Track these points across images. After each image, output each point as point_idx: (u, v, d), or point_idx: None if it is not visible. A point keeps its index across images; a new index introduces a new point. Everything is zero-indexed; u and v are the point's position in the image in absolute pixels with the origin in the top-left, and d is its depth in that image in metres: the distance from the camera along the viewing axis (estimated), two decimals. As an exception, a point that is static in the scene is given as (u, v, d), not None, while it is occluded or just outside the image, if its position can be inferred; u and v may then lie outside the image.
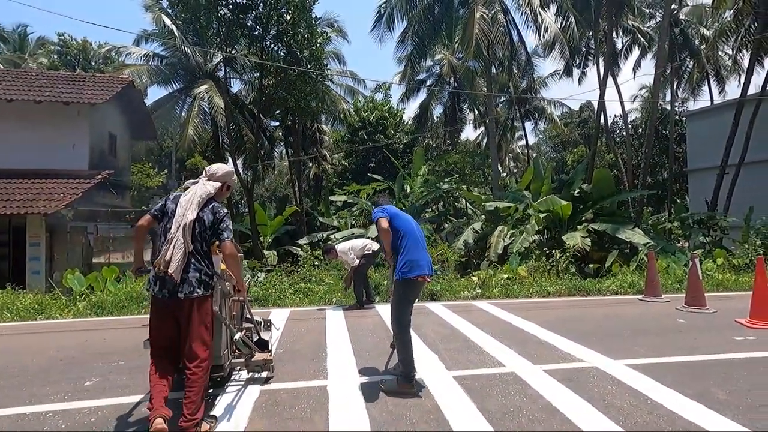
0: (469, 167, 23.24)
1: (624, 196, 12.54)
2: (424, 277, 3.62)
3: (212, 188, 3.13)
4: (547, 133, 50.14)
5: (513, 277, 9.05)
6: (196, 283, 2.90)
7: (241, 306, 4.12)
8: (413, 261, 3.56)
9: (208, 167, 3.34)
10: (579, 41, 25.89)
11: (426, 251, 3.76)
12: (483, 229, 12.93)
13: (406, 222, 3.75)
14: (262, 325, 4.53)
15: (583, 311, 6.82)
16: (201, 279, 2.92)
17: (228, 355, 3.55)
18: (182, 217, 2.92)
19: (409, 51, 16.19)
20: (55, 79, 13.23)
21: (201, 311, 2.93)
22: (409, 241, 3.64)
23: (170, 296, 2.86)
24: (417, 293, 3.74)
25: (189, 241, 2.89)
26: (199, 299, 2.92)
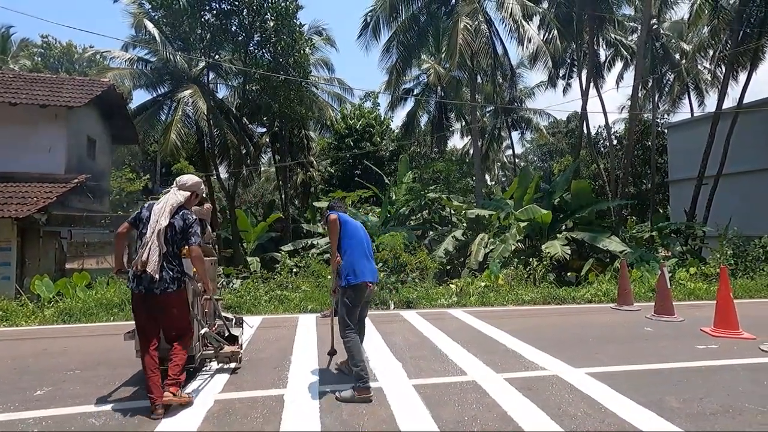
0: (454, 175, 23.31)
1: (601, 206, 12.71)
2: (367, 283, 3.74)
3: (182, 197, 3.60)
4: (534, 142, 50.81)
5: (491, 285, 9.07)
6: (170, 281, 3.40)
7: (214, 304, 4.47)
8: (358, 268, 3.72)
9: (179, 178, 3.80)
10: (564, 53, 26.43)
11: (371, 260, 3.91)
12: (464, 237, 12.98)
13: (355, 229, 3.91)
14: (233, 322, 4.87)
15: (555, 319, 6.85)
16: (174, 276, 3.43)
17: (199, 347, 3.99)
18: (156, 224, 3.40)
19: (394, 60, 16.32)
20: (33, 81, 13.03)
21: (176, 304, 3.46)
22: (355, 250, 3.79)
23: (147, 292, 3.35)
24: (361, 299, 3.81)
25: (162, 244, 3.37)
26: (174, 294, 3.43)
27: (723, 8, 18.14)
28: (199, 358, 4.01)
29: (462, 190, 21.15)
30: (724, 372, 4.15)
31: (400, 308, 7.85)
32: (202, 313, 4.09)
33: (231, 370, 4.26)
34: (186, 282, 3.58)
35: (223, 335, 4.40)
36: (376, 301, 7.95)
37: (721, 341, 5.26)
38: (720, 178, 16.58)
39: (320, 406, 3.40)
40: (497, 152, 43.12)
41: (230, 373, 4.20)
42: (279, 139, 28.11)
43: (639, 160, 31.77)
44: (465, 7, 15.21)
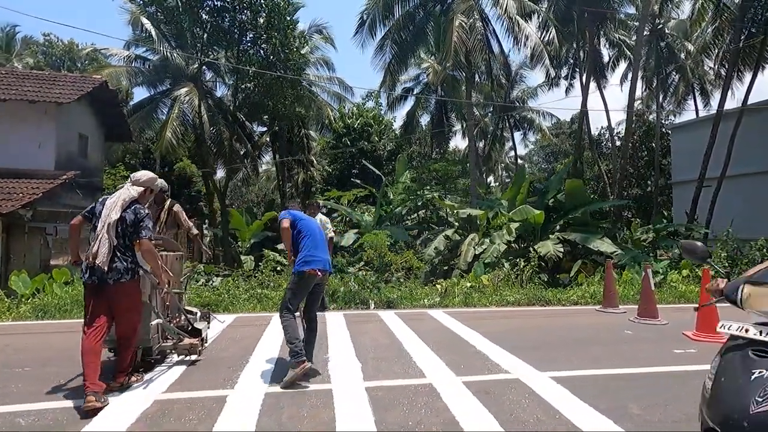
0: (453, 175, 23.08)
1: (595, 206, 12.45)
2: (315, 271, 3.97)
3: (135, 192, 3.72)
4: (538, 143, 50.43)
5: (476, 285, 8.88)
6: (123, 271, 3.52)
7: (180, 298, 4.79)
8: (308, 257, 4.00)
9: (134, 174, 3.99)
10: (566, 53, 26.14)
11: (324, 251, 4.17)
12: (456, 236, 12.78)
13: (308, 225, 4.22)
14: (199, 316, 5.02)
15: (536, 321, 6.65)
16: (127, 267, 3.54)
17: (158, 339, 4.14)
18: (107, 217, 3.52)
19: (388, 59, 16.15)
20: (25, 78, 13.04)
21: (128, 295, 3.56)
22: (308, 241, 4.09)
23: (99, 282, 3.46)
24: (308, 286, 4.04)
25: (113, 237, 3.50)
26: (127, 284, 3.53)
27: (726, 7, 17.81)
28: (157, 350, 4.18)
29: (462, 190, 20.92)
30: (698, 378, 3.92)
31: (381, 308, 7.69)
32: (162, 305, 4.27)
33: (189, 362, 4.36)
34: (140, 274, 3.69)
35: (186, 329, 4.54)
36: (356, 300, 7.80)
37: (701, 345, 5.04)
38: (723, 179, 16.25)
39: (262, 408, 3.25)
40: (500, 153, 42.87)
41: (188, 365, 4.31)
42: (279, 139, 28.15)
43: (643, 161, 31.37)
44: (461, 4, 15.02)
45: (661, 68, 26.96)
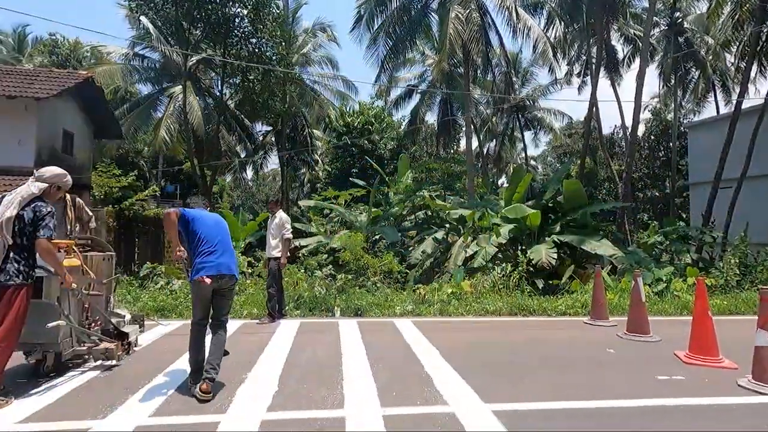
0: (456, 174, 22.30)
1: (595, 208, 11.55)
2: (204, 279, 3.58)
3: (36, 189, 3.55)
4: (550, 144, 49.14)
5: (457, 292, 8.16)
6: (14, 273, 3.33)
7: (107, 300, 4.69)
8: (200, 264, 3.62)
9: (38, 169, 3.77)
10: (578, 50, 25.09)
11: (226, 255, 3.75)
12: (447, 238, 12.05)
13: (207, 227, 3.78)
14: (128, 320, 4.92)
15: (511, 335, 5.92)
16: (20, 270, 3.35)
17: (70, 342, 3.98)
18: (2, 215, 3.36)
19: (382, 53, 15.51)
20: (7, 74, 12.84)
21: (13, 298, 3.33)
22: (204, 246, 3.68)
23: None
24: (203, 295, 3.69)
25: (8, 236, 3.33)
26: (15, 287, 3.33)
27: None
28: (69, 354, 4.04)
29: (461, 190, 20.13)
30: (679, 415, 3.19)
31: (347, 316, 7.05)
32: (79, 308, 4.15)
33: (104, 368, 4.20)
34: (32, 277, 3.48)
35: (112, 332, 4.45)
36: (322, 307, 7.18)
37: (691, 371, 4.25)
38: (744, 181, 15.13)
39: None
40: (511, 153, 41.81)
41: (103, 370, 4.15)
42: (281, 138, 27.79)
43: (660, 162, 30.01)
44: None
45: (679, 64, 25.68)
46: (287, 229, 6.72)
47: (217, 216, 4.00)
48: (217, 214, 4.17)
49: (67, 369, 4.12)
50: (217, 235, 3.77)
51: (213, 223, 3.84)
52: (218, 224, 3.87)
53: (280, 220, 6.73)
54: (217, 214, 4.06)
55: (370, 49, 15.34)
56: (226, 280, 3.72)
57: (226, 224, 3.96)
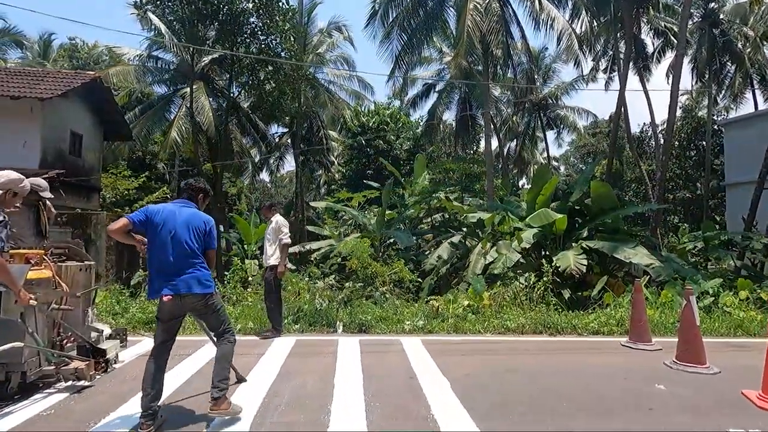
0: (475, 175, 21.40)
1: (628, 211, 10.56)
2: (164, 298, 3.09)
3: None
4: (573, 143, 47.50)
5: (474, 305, 7.36)
6: None
7: (84, 313, 4.33)
8: (153, 277, 3.17)
9: None
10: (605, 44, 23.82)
11: (177, 265, 3.14)
12: (464, 243, 11.24)
13: (162, 225, 3.17)
14: (106, 335, 4.58)
15: (535, 360, 5.10)
16: None
17: (37, 362, 3.71)
18: None
19: (397, 48, 14.79)
20: (15, 75, 12.69)
21: None
22: (156, 253, 3.15)
23: None
24: (163, 315, 3.21)
25: None
26: None
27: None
28: (35, 375, 3.71)
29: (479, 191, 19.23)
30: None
31: (350, 332, 6.35)
32: (48, 324, 3.86)
33: (75, 391, 3.82)
34: None
35: (87, 349, 4.17)
36: (323, 321, 6.50)
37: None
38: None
39: None
40: (533, 153, 40.50)
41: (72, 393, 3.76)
42: (296, 139, 27.37)
43: (692, 161, 28.36)
44: (476, -15, 13.47)
45: (714, 58, 24.13)
46: (284, 233, 6.11)
47: (184, 214, 3.26)
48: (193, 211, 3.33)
49: (35, 389, 3.80)
50: (176, 235, 3.14)
51: (173, 217, 3.19)
52: (179, 220, 3.19)
53: (276, 225, 6.18)
54: (191, 211, 3.30)
55: (384, 45, 14.67)
56: (188, 299, 3.16)
57: (198, 224, 3.26)
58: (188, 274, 3.14)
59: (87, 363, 3.97)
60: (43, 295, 3.82)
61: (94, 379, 4.03)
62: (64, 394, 3.73)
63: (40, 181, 4.51)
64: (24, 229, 4.64)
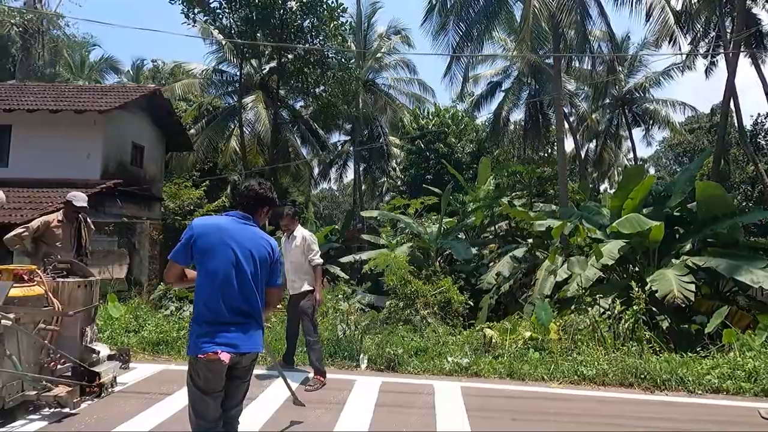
0: (546, 179, 19.14)
1: (750, 218, 8.18)
2: (213, 355, 2.15)
3: None
4: (665, 142, 42.25)
5: (538, 338, 5.80)
6: None
7: (81, 333, 4.03)
8: (203, 326, 2.24)
9: None
10: (706, 24, 20.39)
11: (237, 306, 2.25)
12: (530, 257, 9.54)
13: (214, 247, 2.28)
14: (104, 356, 4.25)
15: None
16: None
17: (17, 387, 3.46)
18: None
19: (453, 41, 13.41)
20: (82, 91, 13.39)
21: None
22: (207, 290, 2.27)
23: None
24: (212, 383, 2.22)
25: None
26: None
27: None
28: (14, 401, 3.41)
29: (552, 197, 17.08)
30: None
31: (376, 369, 5.15)
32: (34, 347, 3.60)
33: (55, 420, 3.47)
34: None
35: (80, 372, 3.88)
36: (344, 353, 5.37)
37: None
38: None
39: None
40: (616, 155, 36.39)
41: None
42: (354, 146, 26.96)
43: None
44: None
45: None
46: (315, 252, 4.76)
47: (246, 234, 2.35)
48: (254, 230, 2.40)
49: (15, 417, 3.48)
50: (235, 265, 2.26)
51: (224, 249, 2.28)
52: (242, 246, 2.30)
53: (304, 241, 4.73)
54: (253, 231, 2.40)
55: (439, 39, 13.37)
56: (246, 357, 2.31)
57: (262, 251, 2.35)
58: (248, 323, 2.28)
59: (69, 389, 3.61)
60: (28, 314, 3.59)
61: (79, 406, 3.67)
62: (42, 423, 3.43)
63: (76, 193, 4.79)
64: (66, 243, 4.81)
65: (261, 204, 2.42)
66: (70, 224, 4.87)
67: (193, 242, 2.28)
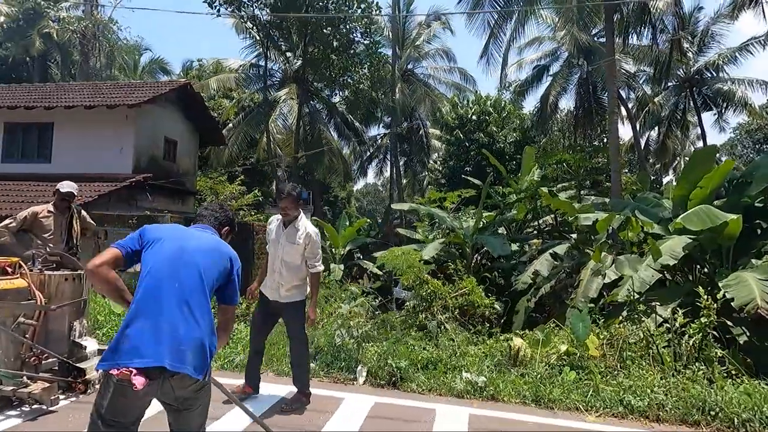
0: (598, 169, 17.41)
1: None
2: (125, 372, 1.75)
3: None
4: (742, 128, 37.98)
5: (576, 353, 4.80)
6: None
7: (70, 327, 3.94)
8: (124, 336, 1.86)
9: None
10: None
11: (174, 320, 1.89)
12: (574, 254, 8.36)
13: (163, 241, 2.08)
14: (90, 351, 4.07)
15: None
16: None
17: None
18: None
19: (492, 17, 12.21)
20: (116, 88, 13.63)
21: None
22: (142, 294, 1.95)
23: None
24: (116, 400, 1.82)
25: None
26: None
27: None
28: None
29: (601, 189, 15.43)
30: None
31: (376, 383, 4.41)
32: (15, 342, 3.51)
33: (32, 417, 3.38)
34: None
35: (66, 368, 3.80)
36: (340, 364, 4.67)
37: None
38: None
39: None
40: (682, 143, 33.01)
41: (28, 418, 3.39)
42: (391, 138, 26.23)
43: None
44: None
45: None
46: (318, 256, 3.80)
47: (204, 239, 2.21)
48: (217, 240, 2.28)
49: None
50: (184, 266, 2.03)
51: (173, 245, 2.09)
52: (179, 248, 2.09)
53: (307, 240, 3.69)
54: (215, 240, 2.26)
55: (473, 17, 12.25)
56: (177, 380, 1.89)
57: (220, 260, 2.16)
58: (190, 335, 1.92)
59: (46, 386, 3.51)
60: (7, 308, 3.53)
61: (57, 403, 3.54)
62: (16, 421, 3.31)
63: (64, 182, 4.65)
64: (56, 235, 4.68)
65: (221, 224, 2.38)
66: (62, 215, 4.72)
67: (143, 234, 2.11)
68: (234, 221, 2.53)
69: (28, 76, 27.17)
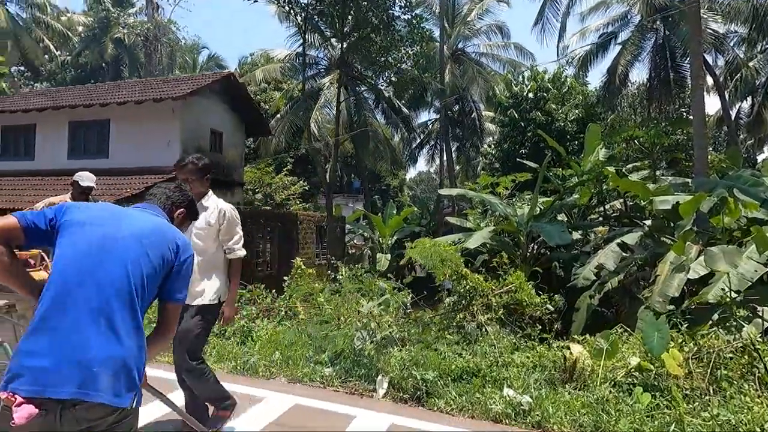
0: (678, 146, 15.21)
1: None
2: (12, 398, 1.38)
3: None
4: None
5: (652, 370, 3.82)
6: None
7: None
8: (18, 353, 1.49)
9: None
10: None
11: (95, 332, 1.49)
12: (647, 244, 7.09)
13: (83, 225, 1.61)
14: None
15: None
16: None
17: None
18: None
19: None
20: (162, 83, 13.94)
21: None
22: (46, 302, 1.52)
23: None
24: None
25: None
26: None
27: None
28: None
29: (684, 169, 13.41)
30: None
31: (399, 397, 3.77)
32: None
33: None
34: None
35: None
36: (360, 371, 4.08)
37: None
38: None
39: None
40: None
41: None
42: (442, 122, 25.10)
43: None
44: None
45: None
46: (237, 236, 3.03)
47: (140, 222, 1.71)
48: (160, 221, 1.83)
49: None
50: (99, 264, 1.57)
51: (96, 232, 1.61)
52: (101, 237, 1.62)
53: (220, 217, 2.95)
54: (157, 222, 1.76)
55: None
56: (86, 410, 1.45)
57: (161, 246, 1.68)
58: (106, 353, 1.51)
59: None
60: (27, 300, 3.26)
61: None
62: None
63: (83, 173, 4.34)
64: None
65: (175, 204, 1.92)
66: None
67: (60, 213, 1.62)
68: (194, 204, 2.04)
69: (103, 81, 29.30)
